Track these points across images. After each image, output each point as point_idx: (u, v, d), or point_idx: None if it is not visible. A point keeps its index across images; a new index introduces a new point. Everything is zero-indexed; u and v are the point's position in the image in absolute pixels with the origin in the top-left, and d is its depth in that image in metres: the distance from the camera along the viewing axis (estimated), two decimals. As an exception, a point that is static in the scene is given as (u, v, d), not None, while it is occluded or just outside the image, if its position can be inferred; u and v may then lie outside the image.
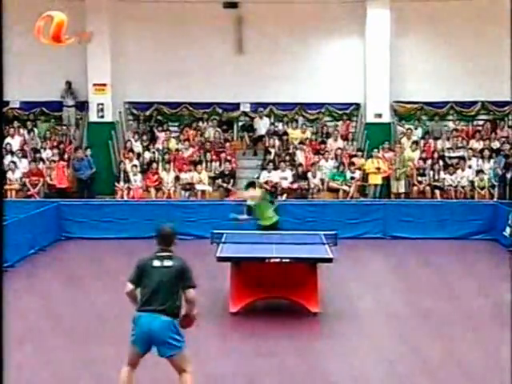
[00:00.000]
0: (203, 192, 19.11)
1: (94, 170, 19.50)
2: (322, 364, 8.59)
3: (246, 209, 12.69)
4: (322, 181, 19.44)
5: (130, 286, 6.68)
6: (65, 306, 11.08)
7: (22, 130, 20.95)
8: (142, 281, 6.62)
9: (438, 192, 19.08)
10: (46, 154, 20.11)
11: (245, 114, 21.85)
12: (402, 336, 9.73)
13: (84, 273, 13.60)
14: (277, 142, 20.69)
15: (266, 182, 18.85)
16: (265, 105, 21.61)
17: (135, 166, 19.51)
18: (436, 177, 19.47)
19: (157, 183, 19.24)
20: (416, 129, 21.32)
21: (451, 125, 21.44)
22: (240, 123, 21.89)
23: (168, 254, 6.68)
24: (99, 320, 10.25)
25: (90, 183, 19.47)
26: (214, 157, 20.17)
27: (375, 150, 19.70)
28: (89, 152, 19.91)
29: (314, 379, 8.08)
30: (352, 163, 19.63)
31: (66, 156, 20.09)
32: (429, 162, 19.77)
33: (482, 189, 18.95)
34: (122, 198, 18.89)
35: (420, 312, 10.89)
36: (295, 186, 19.04)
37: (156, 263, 6.62)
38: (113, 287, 12.15)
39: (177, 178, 19.34)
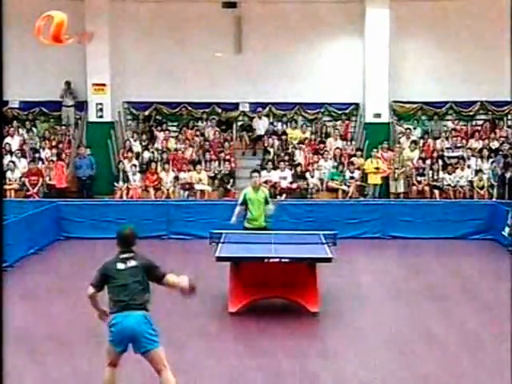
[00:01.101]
0: (202, 192, 19.12)
1: (94, 171, 19.49)
2: (322, 364, 8.59)
3: (242, 198, 12.41)
4: (321, 181, 19.45)
5: (91, 290, 6.85)
6: (64, 305, 11.08)
7: (21, 130, 20.96)
8: (107, 284, 6.77)
9: (437, 192, 19.10)
10: (45, 153, 20.12)
11: (244, 113, 21.86)
12: (401, 336, 9.74)
13: (83, 273, 13.54)
14: (276, 142, 20.70)
15: (266, 182, 18.83)
16: (264, 104, 21.62)
17: (134, 165, 19.52)
18: (435, 177, 19.50)
19: (156, 183, 19.25)
20: (415, 128, 21.34)
21: (450, 124, 21.46)
22: (239, 123, 21.90)
23: (130, 254, 6.79)
24: (99, 320, 10.23)
25: (89, 183, 19.47)
26: (213, 157, 20.18)
27: (374, 150, 19.71)
28: (88, 152, 19.92)
29: (314, 379, 8.08)
30: (351, 163, 19.65)
31: (64, 156, 20.10)
32: (428, 161, 19.80)
33: (481, 188, 18.97)
34: (121, 197, 18.89)
35: (419, 312, 10.90)
36: (294, 185, 19.05)
37: (120, 266, 6.75)
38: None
39: (176, 178, 19.35)
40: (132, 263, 6.74)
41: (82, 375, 8.08)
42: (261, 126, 21.37)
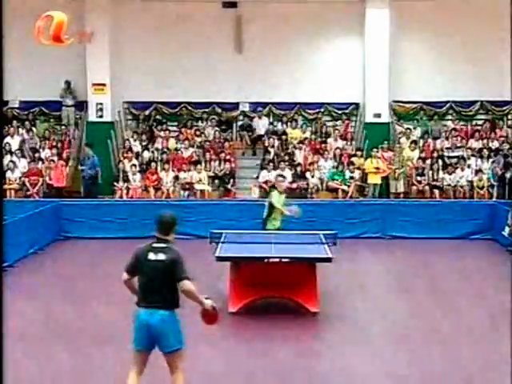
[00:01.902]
0: (202, 192, 19.12)
1: (97, 171, 19.45)
2: (322, 364, 8.60)
3: (268, 205, 12.50)
4: (321, 180, 19.46)
5: (126, 276, 6.55)
6: (64, 305, 11.08)
7: (21, 130, 20.96)
8: (137, 271, 6.51)
9: (437, 192, 19.11)
10: (45, 153, 20.12)
11: (244, 113, 21.85)
12: (401, 335, 9.74)
13: (83, 272, 13.62)
14: (276, 142, 20.69)
15: (266, 182, 18.86)
16: (264, 104, 21.62)
17: (134, 165, 19.52)
18: (435, 176, 19.50)
19: (156, 183, 19.24)
20: (415, 128, 21.33)
21: (450, 124, 21.44)
22: (239, 123, 21.88)
23: (163, 245, 6.49)
24: (98, 319, 10.25)
25: (92, 184, 19.44)
26: (213, 156, 20.17)
27: (374, 150, 19.71)
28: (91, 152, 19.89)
29: (314, 379, 8.09)
30: (351, 163, 19.65)
31: (64, 155, 20.10)
32: (428, 161, 19.80)
33: (481, 188, 18.98)
34: (121, 197, 18.89)
35: (419, 312, 10.91)
36: (294, 185, 19.03)
37: (150, 256, 6.45)
38: (112, 287, 12.19)
39: (176, 178, 19.34)
40: (161, 256, 6.42)
41: (82, 374, 8.07)
42: (261, 125, 21.36)
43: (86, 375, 8.06)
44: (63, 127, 21.29)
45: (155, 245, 6.53)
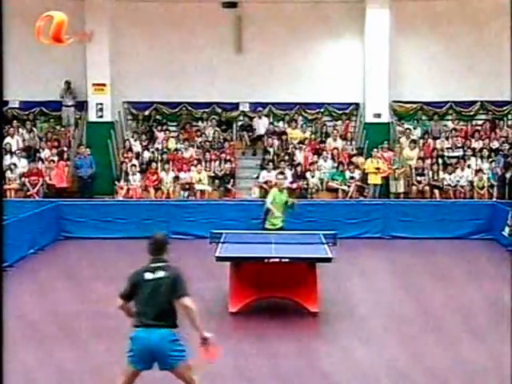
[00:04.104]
0: (202, 192, 19.12)
1: (94, 170, 19.50)
2: (321, 364, 8.60)
3: (272, 199, 12.54)
4: (321, 180, 19.45)
5: (120, 301, 6.42)
6: (64, 305, 11.08)
7: (21, 130, 20.96)
8: (135, 295, 6.36)
9: (437, 192, 19.11)
10: (45, 153, 20.12)
11: (244, 113, 21.85)
12: (401, 335, 9.74)
13: (83, 272, 13.61)
14: (276, 142, 20.69)
15: (266, 182, 18.86)
16: (264, 104, 21.60)
17: (134, 165, 19.52)
18: (435, 176, 19.50)
19: (156, 183, 19.25)
20: (415, 128, 21.33)
21: (450, 124, 21.44)
22: (239, 123, 21.88)
23: (160, 264, 6.37)
24: (99, 319, 10.25)
25: (90, 183, 19.47)
26: (213, 156, 20.18)
27: (374, 150, 19.72)
28: (88, 151, 19.93)
29: (313, 379, 8.09)
30: (351, 163, 19.65)
31: (65, 155, 20.09)
32: (428, 161, 19.80)
33: (481, 188, 18.97)
34: (122, 197, 18.88)
35: (419, 311, 10.90)
36: (294, 185, 19.03)
37: (148, 276, 6.32)
38: (112, 286, 12.18)
39: (176, 178, 19.34)
40: (160, 274, 6.30)
41: (84, 372, 8.07)
42: (261, 125, 21.35)
43: (89, 373, 8.06)
44: (63, 127, 21.28)
45: (152, 265, 6.41)
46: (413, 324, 10.28)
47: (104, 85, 21.05)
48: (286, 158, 19.96)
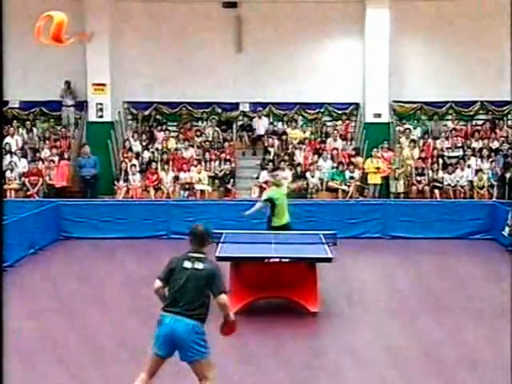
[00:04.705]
0: (202, 192, 19.13)
1: (98, 171, 19.45)
2: (321, 364, 8.60)
3: (267, 201, 12.51)
4: (321, 180, 19.46)
5: (159, 284, 6.44)
6: (64, 305, 11.08)
7: (21, 130, 20.97)
8: (170, 280, 6.41)
9: (437, 191, 19.11)
10: (45, 153, 20.12)
11: (244, 113, 21.85)
12: (401, 335, 9.74)
13: (83, 272, 13.61)
14: (276, 142, 20.70)
15: (266, 182, 18.84)
16: (264, 104, 21.61)
17: (134, 165, 19.52)
18: (435, 176, 19.50)
19: (156, 183, 19.26)
20: (415, 128, 21.34)
21: (450, 124, 21.45)
22: (239, 123, 21.88)
23: (200, 255, 6.45)
24: (99, 319, 10.25)
25: (93, 183, 19.45)
26: (213, 156, 20.18)
27: (374, 150, 19.72)
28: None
29: (313, 379, 8.09)
30: (351, 163, 19.65)
31: (66, 155, 20.10)
32: (428, 161, 19.80)
33: (481, 188, 18.98)
34: (122, 197, 18.88)
35: (419, 311, 10.90)
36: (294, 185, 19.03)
37: (187, 264, 6.38)
38: (112, 286, 12.20)
39: (176, 178, 19.35)
40: (198, 265, 6.36)
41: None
42: (261, 125, 21.36)
43: (91, 373, 8.06)
44: (63, 127, 21.27)
45: (191, 254, 6.49)
46: (414, 323, 10.28)
47: (104, 85, 21.05)
48: (286, 157, 19.95)
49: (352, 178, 19.28)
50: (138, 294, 10.95)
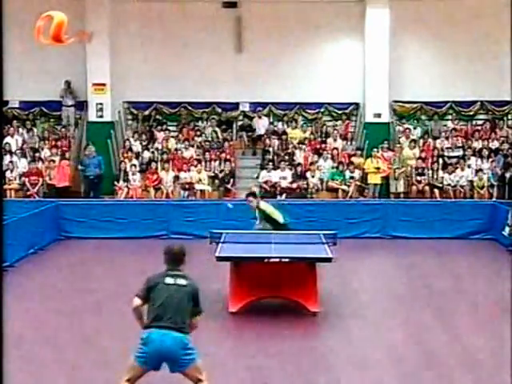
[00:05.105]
0: (202, 192, 19.12)
1: (102, 171, 19.39)
2: (321, 364, 8.60)
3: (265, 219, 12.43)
4: (321, 180, 19.46)
5: (138, 301, 6.41)
6: (64, 305, 11.08)
7: (21, 130, 20.97)
8: (150, 297, 6.38)
9: (437, 191, 19.11)
10: (45, 153, 20.12)
11: (244, 113, 21.85)
12: (401, 335, 9.74)
13: (83, 272, 13.62)
14: (276, 142, 20.70)
15: (266, 182, 18.88)
16: (264, 104, 21.62)
17: (134, 165, 19.52)
18: (435, 176, 19.51)
19: (156, 183, 19.25)
20: (415, 128, 21.35)
21: (450, 124, 21.46)
22: (239, 123, 21.88)
23: (180, 273, 6.50)
24: (99, 319, 10.26)
25: (97, 183, 19.42)
26: (213, 156, 20.18)
27: (374, 150, 19.72)
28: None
29: (313, 379, 8.09)
30: (351, 163, 19.65)
31: (67, 155, 20.10)
32: (428, 161, 19.80)
33: (481, 188, 18.98)
34: (122, 197, 18.87)
35: (419, 311, 10.90)
36: (294, 185, 19.04)
37: (169, 280, 6.40)
38: (112, 286, 12.19)
39: (176, 178, 19.34)
40: (181, 281, 6.40)
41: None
42: (261, 125, 21.36)
43: (91, 372, 8.08)
44: (63, 127, 21.27)
45: (171, 272, 6.50)
46: (415, 322, 10.28)
47: (104, 85, 21.07)
48: (286, 157, 19.96)
49: (352, 178, 19.28)
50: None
